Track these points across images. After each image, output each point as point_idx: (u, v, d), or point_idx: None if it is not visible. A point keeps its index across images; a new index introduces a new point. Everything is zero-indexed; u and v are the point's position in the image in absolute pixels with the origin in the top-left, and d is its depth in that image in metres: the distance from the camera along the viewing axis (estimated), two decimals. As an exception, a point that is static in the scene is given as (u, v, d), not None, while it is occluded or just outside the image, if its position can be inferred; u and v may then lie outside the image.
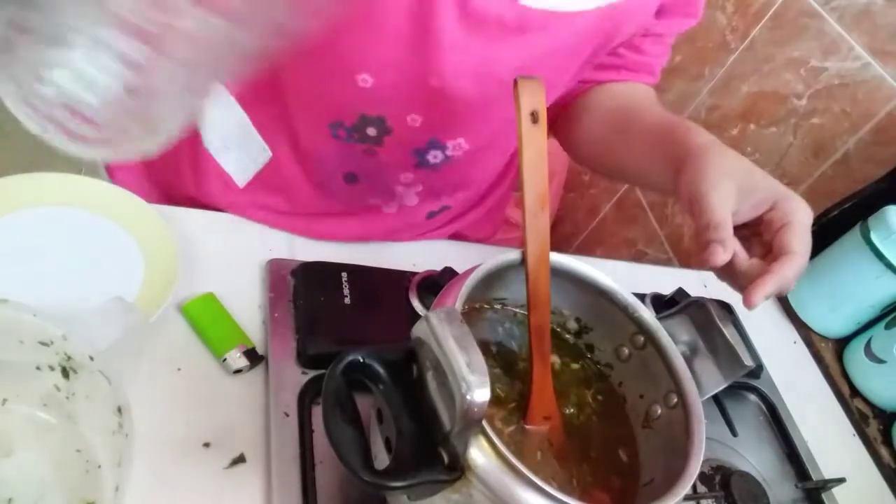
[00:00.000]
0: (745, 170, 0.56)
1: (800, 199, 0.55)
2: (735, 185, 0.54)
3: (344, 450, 0.40)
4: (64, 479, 0.47)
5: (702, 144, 0.58)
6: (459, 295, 0.47)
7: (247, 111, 0.69)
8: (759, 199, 0.55)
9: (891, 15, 0.99)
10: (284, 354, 0.60)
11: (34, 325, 0.45)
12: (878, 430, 0.83)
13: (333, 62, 0.60)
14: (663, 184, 0.64)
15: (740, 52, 1.21)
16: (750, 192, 0.54)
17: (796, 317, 0.92)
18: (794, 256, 0.52)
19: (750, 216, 0.55)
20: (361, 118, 0.63)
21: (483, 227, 0.89)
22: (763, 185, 0.55)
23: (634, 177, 0.74)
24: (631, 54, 0.74)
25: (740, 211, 0.54)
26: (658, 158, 0.64)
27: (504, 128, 0.67)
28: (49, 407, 0.48)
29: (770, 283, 0.51)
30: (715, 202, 0.52)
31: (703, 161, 0.56)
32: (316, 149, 0.68)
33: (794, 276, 0.52)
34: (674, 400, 0.52)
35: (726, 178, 0.54)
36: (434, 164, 0.68)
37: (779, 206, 0.54)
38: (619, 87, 0.76)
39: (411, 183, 0.71)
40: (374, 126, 0.64)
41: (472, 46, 0.59)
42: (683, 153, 0.58)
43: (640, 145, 0.69)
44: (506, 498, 0.41)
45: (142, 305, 0.59)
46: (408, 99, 0.62)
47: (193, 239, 0.68)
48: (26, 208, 0.63)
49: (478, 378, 0.39)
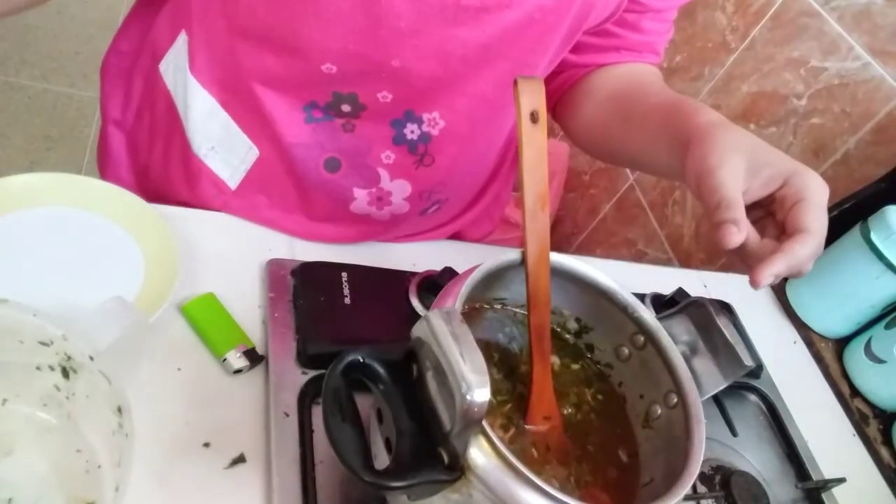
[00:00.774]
0: (753, 144, 0.53)
1: (814, 174, 0.52)
2: (744, 161, 0.51)
3: (344, 450, 0.40)
4: (64, 479, 0.47)
5: (708, 123, 0.56)
6: (459, 295, 0.47)
7: (237, 112, 0.68)
8: (770, 175, 0.52)
9: (891, 15, 0.99)
10: (284, 354, 0.60)
11: (34, 325, 0.45)
12: (878, 430, 0.83)
13: (297, 53, 0.61)
14: (669, 166, 0.61)
15: (740, 52, 1.21)
16: (760, 168, 0.52)
17: (796, 317, 0.92)
18: (807, 235, 0.49)
19: (761, 194, 0.52)
20: (335, 95, 0.64)
21: (481, 224, 0.89)
22: (773, 159, 0.52)
23: (639, 160, 0.71)
24: (630, 34, 0.73)
25: (751, 188, 0.52)
26: (664, 140, 0.62)
27: (479, 107, 0.66)
28: (49, 407, 0.48)
29: (779, 261, 0.48)
30: (724, 178, 0.50)
31: (710, 139, 0.53)
32: (295, 137, 0.67)
33: (809, 256, 0.50)
34: (674, 400, 0.52)
35: (735, 154, 0.51)
36: (412, 140, 0.67)
37: (791, 181, 0.51)
38: (621, 69, 0.74)
39: (394, 165, 0.69)
40: (347, 103, 0.64)
41: (431, 28, 0.58)
42: (689, 133, 0.56)
43: (644, 127, 0.66)
44: (506, 498, 0.41)
45: (142, 305, 0.59)
46: (374, 80, 0.62)
47: (193, 239, 0.68)
48: (26, 208, 0.63)
49: (478, 378, 0.39)
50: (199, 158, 0.71)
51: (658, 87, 0.72)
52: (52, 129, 1.95)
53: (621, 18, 0.70)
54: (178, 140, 0.72)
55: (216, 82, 0.68)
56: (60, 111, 2.00)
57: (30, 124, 1.94)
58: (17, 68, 2.05)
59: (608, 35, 0.72)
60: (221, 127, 0.69)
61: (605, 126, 0.73)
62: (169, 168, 0.75)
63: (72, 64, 2.10)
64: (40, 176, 0.64)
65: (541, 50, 0.64)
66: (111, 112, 0.79)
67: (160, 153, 0.75)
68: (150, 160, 0.77)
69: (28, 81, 2.04)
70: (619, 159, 0.77)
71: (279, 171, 0.70)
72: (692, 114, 0.59)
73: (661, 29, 0.74)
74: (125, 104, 0.78)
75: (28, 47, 2.12)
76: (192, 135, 0.70)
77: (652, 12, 0.71)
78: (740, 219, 0.49)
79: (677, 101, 0.64)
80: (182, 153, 0.72)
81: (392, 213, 0.74)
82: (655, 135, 0.64)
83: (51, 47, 2.13)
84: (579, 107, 0.76)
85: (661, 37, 0.75)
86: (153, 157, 0.76)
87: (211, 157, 0.71)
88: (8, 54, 2.07)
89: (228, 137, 0.70)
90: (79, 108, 2.01)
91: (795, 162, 0.53)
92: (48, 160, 1.86)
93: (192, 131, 0.70)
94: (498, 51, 0.61)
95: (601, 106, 0.73)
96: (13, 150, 1.88)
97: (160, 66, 0.73)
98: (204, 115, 0.69)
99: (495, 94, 0.66)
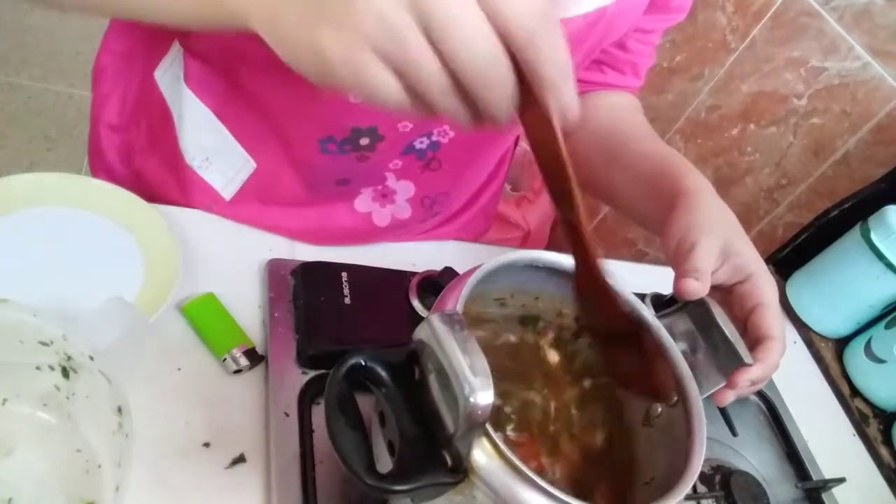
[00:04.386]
0: (731, 230, 0.59)
1: (771, 277, 0.58)
2: (720, 244, 0.56)
3: (348, 454, 0.40)
4: (64, 479, 0.47)
5: (696, 191, 0.60)
6: (461, 296, 0.46)
7: (235, 126, 0.68)
8: (738, 266, 0.57)
9: (891, 15, 0.99)
10: (284, 354, 0.60)
11: (34, 325, 0.45)
12: (878, 430, 0.83)
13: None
14: (647, 218, 0.66)
15: (740, 52, 1.21)
16: (731, 255, 0.57)
17: (796, 317, 0.92)
18: (775, 341, 0.55)
19: (725, 279, 0.57)
20: (353, 131, 0.63)
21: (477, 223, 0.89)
22: (745, 251, 0.58)
23: (618, 203, 0.75)
24: (616, 51, 0.74)
25: (719, 271, 0.57)
26: (649, 195, 0.65)
27: None
28: (49, 407, 0.48)
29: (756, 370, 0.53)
30: (699, 256, 0.55)
31: (695, 211, 0.58)
32: (306, 160, 0.67)
33: (779, 360, 0.56)
34: (674, 398, 0.52)
35: (713, 237, 0.56)
36: (421, 149, 0.67)
37: (752, 280, 0.57)
38: (607, 101, 0.76)
39: (401, 170, 0.70)
40: (366, 136, 0.63)
41: None
42: (675, 197, 0.60)
43: (628, 174, 0.69)
44: (508, 499, 0.41)
45: (142, 305, 0.59)
46: None
47: (193, 239, 0.68)
48: (26, 208, 0.63)
49: (481, 381, 0.39)
50: (192, 169, 0.70)
51: (644, 131, 0.74)
52: (51, 129, 1.95)
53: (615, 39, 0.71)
54: (173, 149, 0.71)
55: (214, 94, 0.67)
56: (60, 111, 2.00)
57: (30, 124, 1.94)
58: (17, 68, 2.05)
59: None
60: (217, 138, 0.68)
61: (587, 161, 0.75)
62: (162, 175, 0.73)
63: (72, 64, 2.10)
64: (40, 176, 0.64)
65: None
66: (105, 115, 0.77)
67: (155, 160, 0.74)
68: (144, 166, 0.75)
69: (28, 81, 2.03)
70: (599, 195, 0.78)
71: (278, 182, 0.70)
72: (681, 176, 0.63)
73: (644, 51, 0.76)
74: (121, 108, 0.77)
75: (28, 47, 2.12)
76: (185, 145, 0.69)
77: (639, 32, 0.72)
78: (703, 279, 0.54)
79: (665, 158, 0.67)
80: (175, 162, 0.71)
81: (393, 214, 0.74)
82: (640, 185, 0.68)
83: (51, 47, 2.13)
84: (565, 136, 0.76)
85: (644, 59, 0.77)
86: (147, 162, 0.75)
87: (205, 167, 0.70)
88: (8, 54, 2.07)
89: (224, 149, 0.69)
90: (79, 108, 2.01)
91: (760, 260, 0.58)
92: (48, 160, 1.86)
93: (186, 141, 0.69)
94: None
95: (586, 140, 0.75)
96: (13, 150, 1.88)
97: (155, 74, 0.71)
98: (198, 126, 0.68)
99: None
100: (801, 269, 0.94)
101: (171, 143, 0.71)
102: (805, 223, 0.99)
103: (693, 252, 0.55)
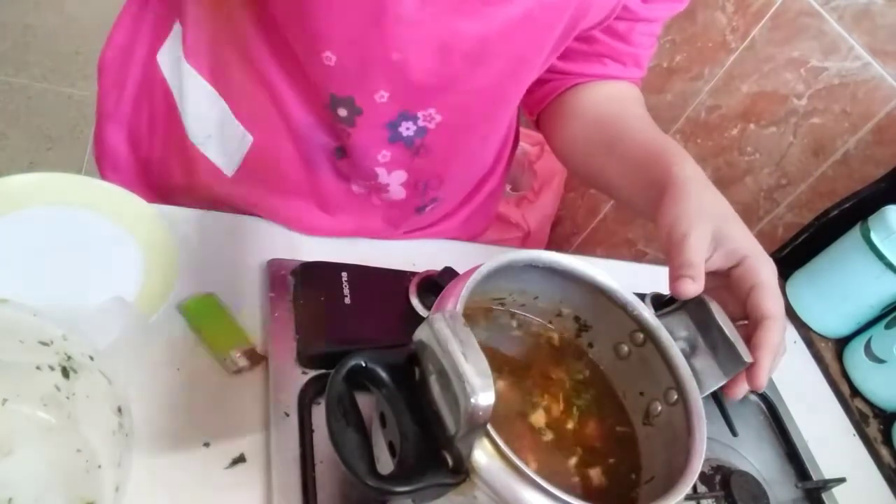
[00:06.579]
0: (722, 214, 0.58)
1: (767, 257, 0.56)
2: (711, 230, 0.56)
3: (349, 456, 0.40)
4: (64, 479, 0.47)
5: (686, 179, 0.60)
6: (461, 296, 0.46)
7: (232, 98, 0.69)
8: (731, 250, 0.56)
9: (891, 15, 0.99)
10: (284, 354, 0.60)
11: (34, 325, 0.45)
12: (878, 430, 0.83)
13: (300, 41, 0.61)
14: (641, 206, 0.66)
15: (740, 52, 1.22)
16: (724, 240, 0.56)
17: (796, 317, 0.92)
18: (773, 321, 0.54)
19: (719, 265, 0.56)
20: (332, 98, 0.63)
21: (477, 221, 0.89)
22: (737, 235, 0.57)
23: (614, 192, 0.74)
24: (617, 43, 0.73)
25: (712, 258, 0.56)
26: (642, 183, 0.65)
27: (475, 103, 0.67)
28: (49, 407, 0.48)
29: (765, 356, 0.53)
30: (691, 244, 0.54)
31: (685, 199, 0.58)
32: (299, 131, 0.68)
33: (781, 338, 0.54)
34: (674, 397, 0.52)
35: (704, 222, 0.56)
36: (408, 136, 0.67)
37: (747, 262, 0.56)
38: (607, 91, 0.76)
39: (390, 162, 0.70)
40: (343, 106, 0.64)
41: (431, 19, 0.58)
42: (666, 184, 0.60)
43: (624, 163, 0.69)
44: (510, 499, 0.41)
45: (142, 305, 0.59)
46: (373, 75, 0.62)
47: (193, 239, 0.68)
48: (26, 208, 0.63)
49: (482, 381, 0.39)
50: (195, 147, 0.72)
51: (643, 122, 0.74)
52: (52, 129, 1.95)
53: (609, 27, 0.71)
54: (176, 130, 0.72)
55: (211, 67, 0.68)
56: (60, 111, 2.00)
57: (30, 124, 1.94)
58: (17, 68, 2.05)
59: (595, 42, 0.72)
60: (216, 112, 0.70)
61: (586, 150, 0.75)
62: (168, 159, 0.75)
63: (72, 64, 2.10)
64: (40, 176, 0.64)
65: (537, 47, 0.65)
66: (107, 108, 0.79)
67: (159, 144, 0.76)
68: (151, 152, 0.77)
69: (28, 81, 2.03)
70: (596, 184, 0.78)
71: (276, 157, 0.71)
72: (671, 164, 0.62)
73: (646, 42, 0.76)
74: (121, 96, 0.78)
75: (28, 47, 2.12)
76: (188, 123, 0.71)
77: (641, 22, 0.72)
78: (697, 277, 0.53)
79: (659, 145, 0.67)
80: (180, 143, 0.72)
81: (390, 199, 0.75)
82: (634, 174, 0.67)
83: (51, 47, 2.13)
84: (565, 124, 0.77)
85: (646, 50, 0.77)
86: (153, 148, 0.77)
87: (207, 144, 0.72)
88: (8, 54, 2.07)
89: (222, 125, 0.70)
90: (79, 108, 2.01)
91: (754, 242, 0.57)
92: (48, 160, 1.86)
93: (189, 119, 0.71)
94: (496, 46, 0.61)
95: (586, 129, 0.75)
96: (13, 150, 1.88)
97: (157, 57, 0.73)
98: (200, 102, 0.69)
99: (492, 91, 0.66)
100: (801, 269, 0.94)
101: (174, 124, 0.72)
102: (805, 223, 0.99)
103: (684, 243, 0.54)
